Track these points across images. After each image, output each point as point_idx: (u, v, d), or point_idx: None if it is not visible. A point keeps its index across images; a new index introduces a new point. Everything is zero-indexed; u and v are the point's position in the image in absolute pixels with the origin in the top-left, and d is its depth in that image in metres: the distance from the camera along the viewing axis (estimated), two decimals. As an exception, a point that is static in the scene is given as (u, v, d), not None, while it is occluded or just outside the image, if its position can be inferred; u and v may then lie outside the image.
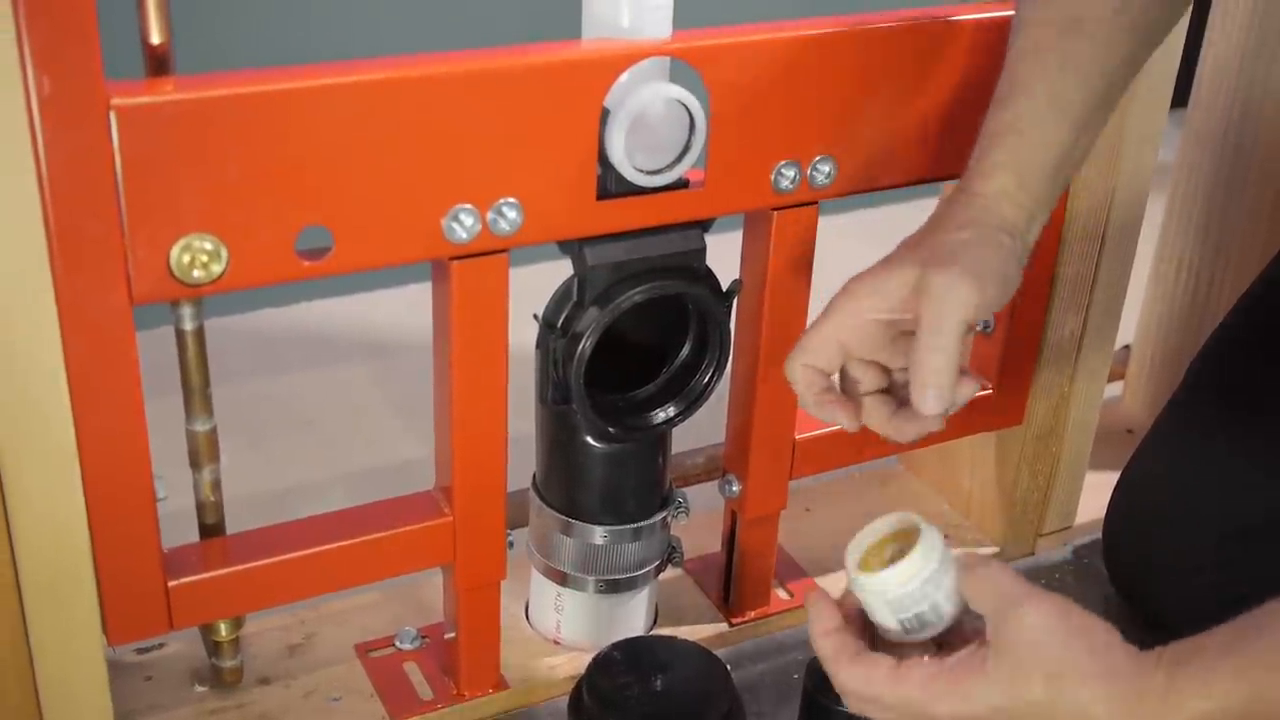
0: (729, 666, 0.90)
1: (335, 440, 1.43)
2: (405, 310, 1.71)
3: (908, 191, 0.98)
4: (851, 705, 0.74)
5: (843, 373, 0.83)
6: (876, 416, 0.82)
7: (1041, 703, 0.68)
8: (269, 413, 1.47)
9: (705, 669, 0.89)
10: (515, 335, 0.87)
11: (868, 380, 0.82)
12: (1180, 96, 1.12)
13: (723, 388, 0.98)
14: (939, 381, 0.76)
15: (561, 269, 0.89)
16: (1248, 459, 1.02)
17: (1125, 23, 0.82)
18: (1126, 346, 1.41)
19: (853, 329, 0.79)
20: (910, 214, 0.87)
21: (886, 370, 0.82)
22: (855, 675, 0.73)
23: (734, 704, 0.88)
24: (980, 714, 0.69)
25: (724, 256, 0.94)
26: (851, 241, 1.99)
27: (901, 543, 0.77)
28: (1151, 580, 1.07)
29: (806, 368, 0.81)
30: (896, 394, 0.83)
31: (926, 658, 0.73)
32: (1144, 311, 1.39)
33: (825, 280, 1.08)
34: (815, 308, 0.97)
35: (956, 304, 0.75)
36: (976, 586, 0.72)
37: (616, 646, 0.90)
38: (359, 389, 1.54)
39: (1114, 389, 1.42)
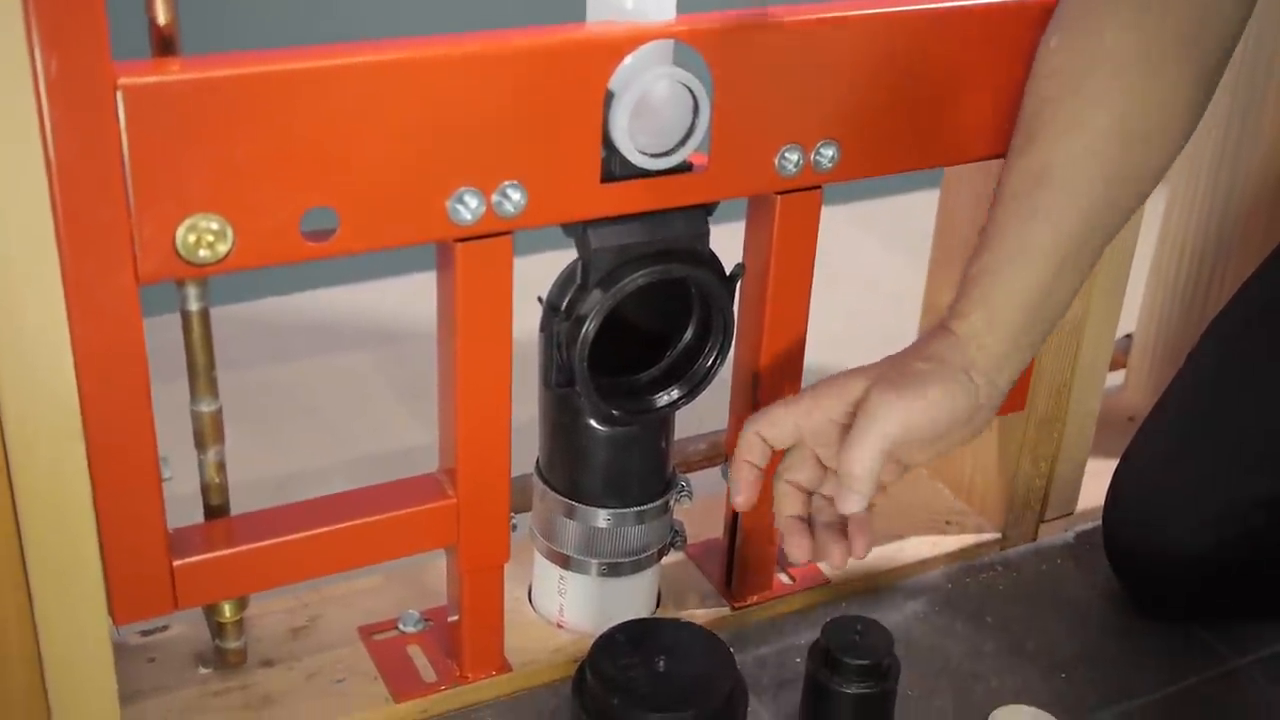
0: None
1: (339, 427, 1.44)
2: (409, 299, 1.71)
3: (911, 184, 0.99)
4: None
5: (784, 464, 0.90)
6: (798, 541, 0.90)
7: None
8: (273, 400, 1.47)
9: (709, 650, 0.89)
10: (517, 323, 0.88)
11: (803, 474, 0.89)
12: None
13: (725, 373, 0.98)
14: (853, 486, 0.83)
15: (565, 258, 0.90)
16: (1247, 443, 1.02)
17: (1095, 170, 0.85)
18: (1128, 335, 1.42)
19: (809, 418, 0.87)
20: (913, 206, 0.88)
21: (811, 489, 0.91)
22: None
23: (737, 684, 0.88)
24: None
25: (727, 248, 0.94)
26: (855, 231, 2.01)
27: None
28: (1151, 566, 1.08)
29: (758, 435, 0.89)
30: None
31: None
32: (1146, 300, 1.39)
33: (829, 270, 1.08)
34: (818, 294, 0.98)
35: (884, 421, 0.82)
36: None
37: (619, 628, 0.90)
38: (363, 377, 1.54)
39: (1116, 378, 1.42)
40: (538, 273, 0.94)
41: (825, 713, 0.92)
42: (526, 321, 0.88)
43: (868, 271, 1.78)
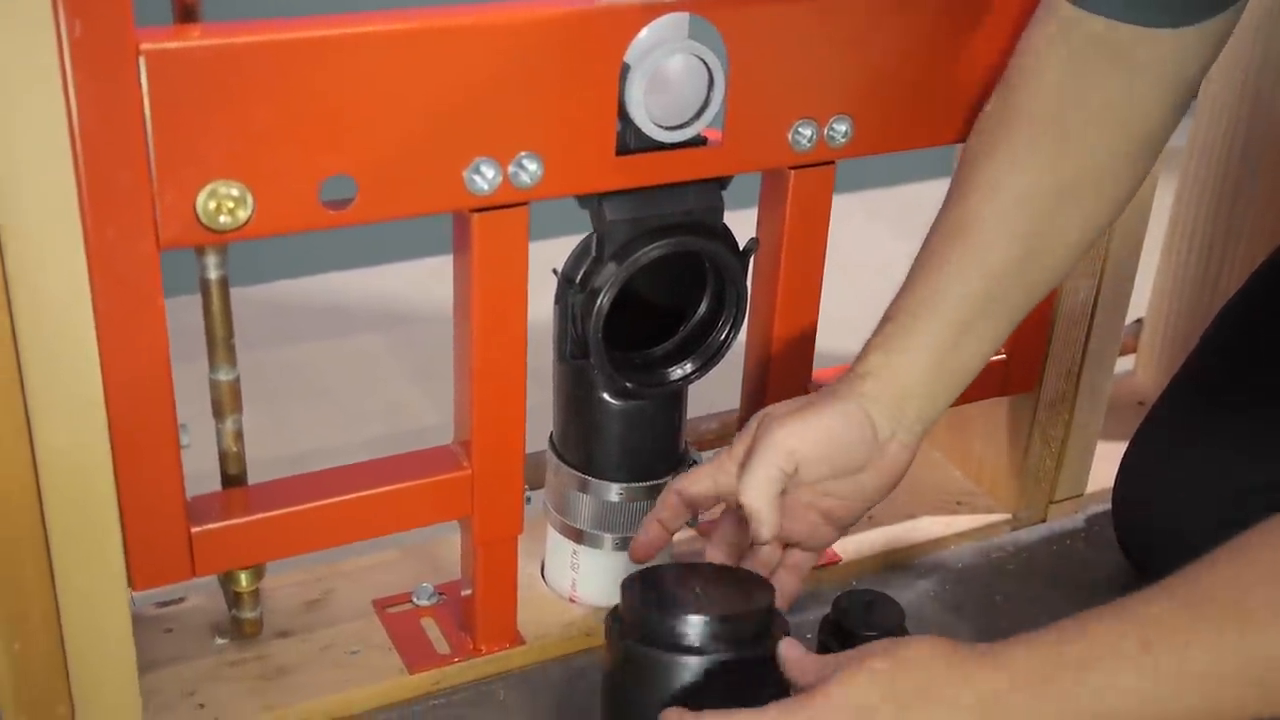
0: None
1: (351, 408, 1.45)
2: (420, 282, 1.72)
3: (921, 173, 0.99)
4: None
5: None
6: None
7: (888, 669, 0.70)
8: (285, 381, 1.48)
9: (744, 576, 0.88)
10: (530, 307, 0.88)
11: (730, 536, 0.92)
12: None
13: (737, 353, 0.99)
14: (753, 516, 0.84)
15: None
16: (1256, 425, 1.03)
17: (1008, 230, 0.86)
18: (1138, 320, 1.42)
19: (721, 470, 0.88)
20: (922, 195, 0.88)
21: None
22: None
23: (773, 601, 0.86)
24: (865, 704, 0.69)
25: (739, 233, 0.95)
26: (865, 220, 2.01)
27: None
28: (1160, 547, 1.08)
29: (675, 493, 0.90)
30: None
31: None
32: (1156, 285, 1.40)
33: (840, 257, 1.09)
34: (829, 281, 0.99)
35: (773, 447, 0.84)
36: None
37: (647, 570, 0.87)
38: (375, 358, 1.55)
39: (1126, 363, 1.43)
40: (554, 255, 0.94)
41: None
42: (537, 305, 0.89)
43: (878, 259, 1.78)
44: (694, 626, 0.78)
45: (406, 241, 1.76)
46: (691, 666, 0.78)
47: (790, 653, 0.76)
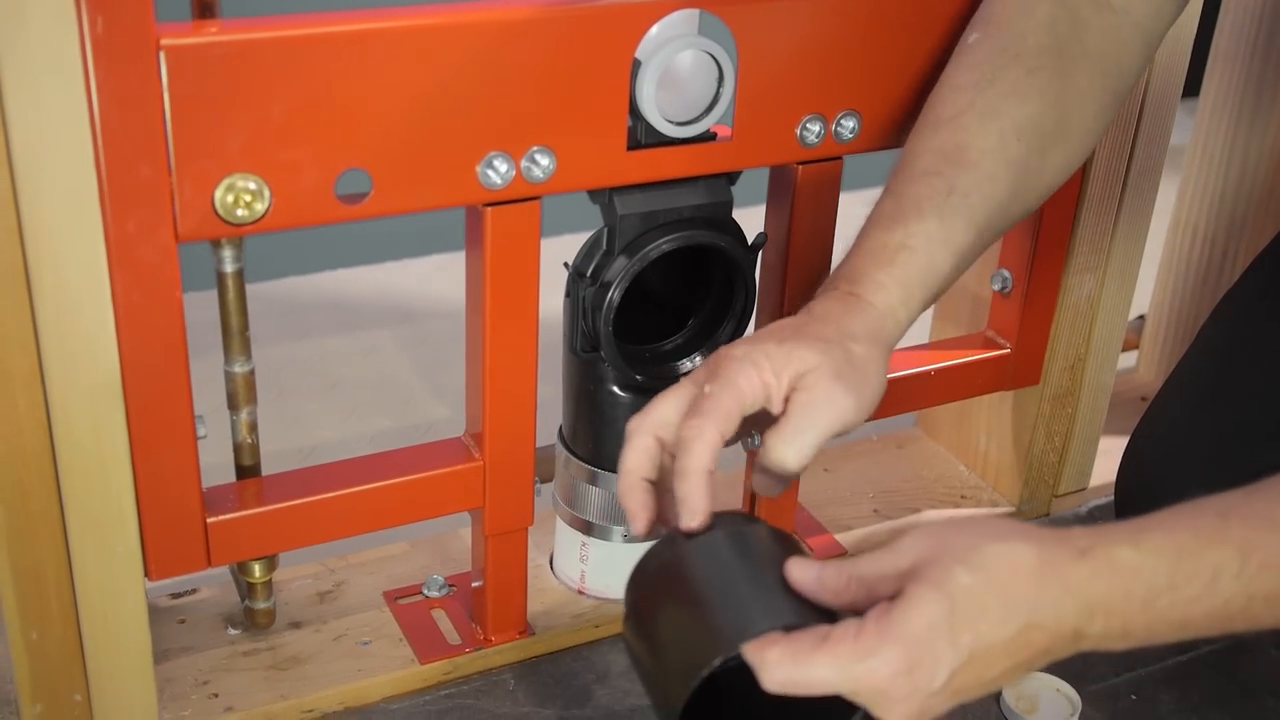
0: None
1: (360, 402, 1.46)
2: (429, 278, 1.73)
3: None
4: (779, 680, 0.67)
5: None
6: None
7: (972, 585, 0.66)
8: (295, 376, 1.49)
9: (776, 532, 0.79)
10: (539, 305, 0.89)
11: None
12: (1192, 86, 1.15)
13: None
14: (786, 472, 0.77)
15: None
16: (1258, 416, 1.03)
17: (1006, 158, 0.85)
18: (1141, 317, 1.43)
19: (753, 395, 0.77)
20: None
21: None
22: (783, 658, 0.66)
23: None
24: (924, 635, 0.65)
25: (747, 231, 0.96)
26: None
27: None
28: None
29: (718, 437, 0.76)
30: None
31: (851, 624, 0.67)
32: (1159, 281, 1.41)
33: (841, 256, 1.10)
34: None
35: (827, 415, 0.76)
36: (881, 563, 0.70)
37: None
38: (384, 354, 1.56)
39: (1129, 359, 1.44)
40: (564, 251, 0.95)
41: None
42: (546, 301, 0.90)
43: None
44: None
45: (415, 238, 1.77)
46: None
47: (802, 575, 0.70)
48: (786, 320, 0.81)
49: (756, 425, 0.80)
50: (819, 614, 0.70)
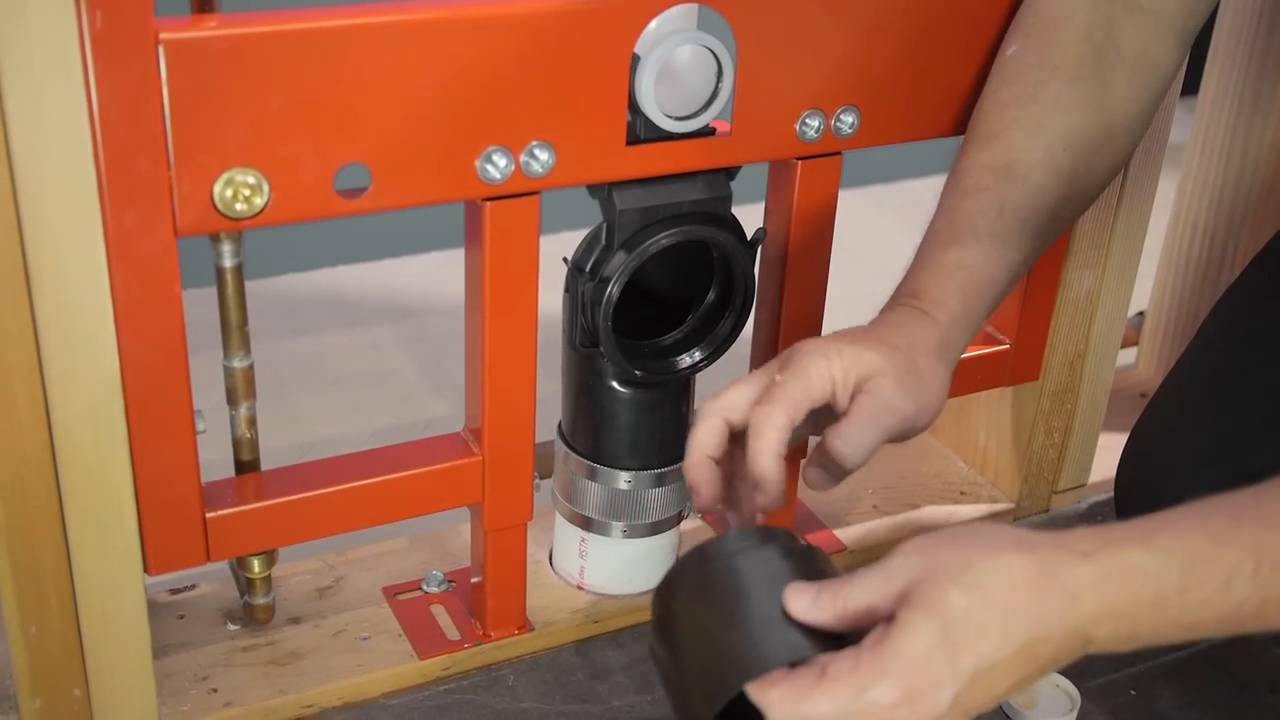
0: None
1: (361, 399, 1.46)
2: (428, 275, 1.74)
3: (926, 168, 1.00)
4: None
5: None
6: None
7: (968, 605, 0.65)
8: (295, 372, 1.49)
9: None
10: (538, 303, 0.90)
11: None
12: (1191, 85, 1.15)
13: (745, 345, 1.00)
14: (846, 464, 0.80)
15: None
16: (1258, 412, 1.03)
17: (1054, 171, 0.87)
18: (1141, 313, 1.43)
19: (821, 388, 0.80)
20: (928, 190, 0.89)
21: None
22: (784, 698, 0.67)
23: None
24: (920, 662, 0.65)
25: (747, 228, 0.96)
26: (872, 214, 2.02)
27: None
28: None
29: (788, 422, 0.79)
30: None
31: (847, 657, 0.67)
32: (1158, 278, 1.41)
33: (846, 250, 1.10)
34: (835, 273, 1.00)
35: (889, 416, 0.80)
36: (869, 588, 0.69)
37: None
38: (384, 350, 1.56)
39: (1128, 356, 1.44)
40: (564, 248, 0.95)
41: None
42: (545, 299, 0.90)
43: (884, 252, 1.79)
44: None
45: (415, 235, 1.77)
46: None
47: (798, 603, 0.70)
48: (858, 327, 0.85)
49: (821, 422, 0.82)
50: (832, 640, 0.70)
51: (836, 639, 0.70)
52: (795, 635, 0.70)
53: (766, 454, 0.78)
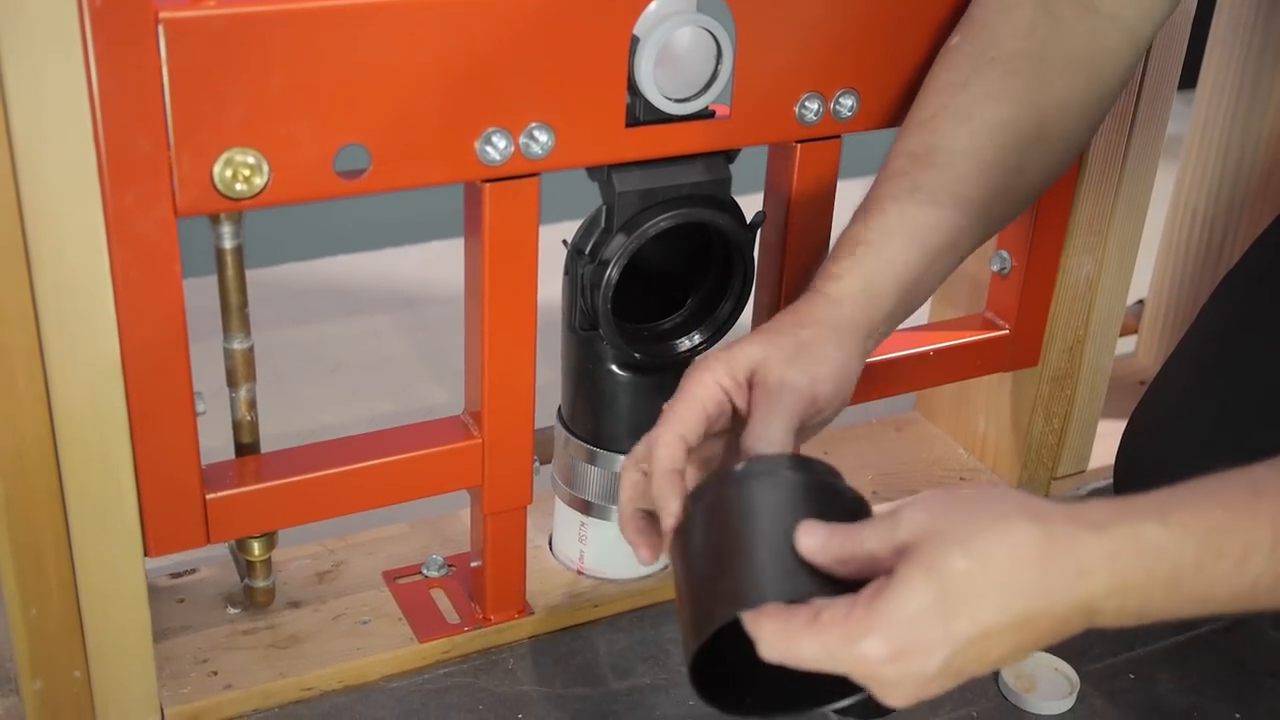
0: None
1: (361, 387, 1.46)
2: (429, 265, 1.74)
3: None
4: (773, 656, 0.67)
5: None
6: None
7: (968, 571, 0.63)
8: (296, 360, 1.49)
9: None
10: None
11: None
12: (1189, 78, 1.15)
13: (744, 329, 1.00)
14: (764, 446, 0.76)
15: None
16: (1257, 396, 1.03)
17: (978, 160, 0.85)
18: (1140, 301, 1.43)
19: (710, 397, 0.79)
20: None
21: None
22: (775, 634, 0.66)
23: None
24: (913, 620, 0.64)
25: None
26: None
27: None
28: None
29: (677, 439, 0.78)
30: None
31: (842, 603, 0.66)
32: (1157, 266, 1.41)
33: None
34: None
35: (788, 395, 0.78)
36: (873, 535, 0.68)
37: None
38: (385, 338, 1.56)
39: (1128, 344, 1.44)
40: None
41: None
42: (545, 288, 0.90)
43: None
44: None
45: (416, 225, 1.77)
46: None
47: (807, 542, 0.68)
48: (757, 329, 0.84)
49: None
50: (834, 582, 0.68)
51: (839, 583, 0.68)
52: (798, 573, 0.68)
53: (659, 474, 0.76)
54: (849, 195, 0.94)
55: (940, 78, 0.89)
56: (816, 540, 0.68)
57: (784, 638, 0.66)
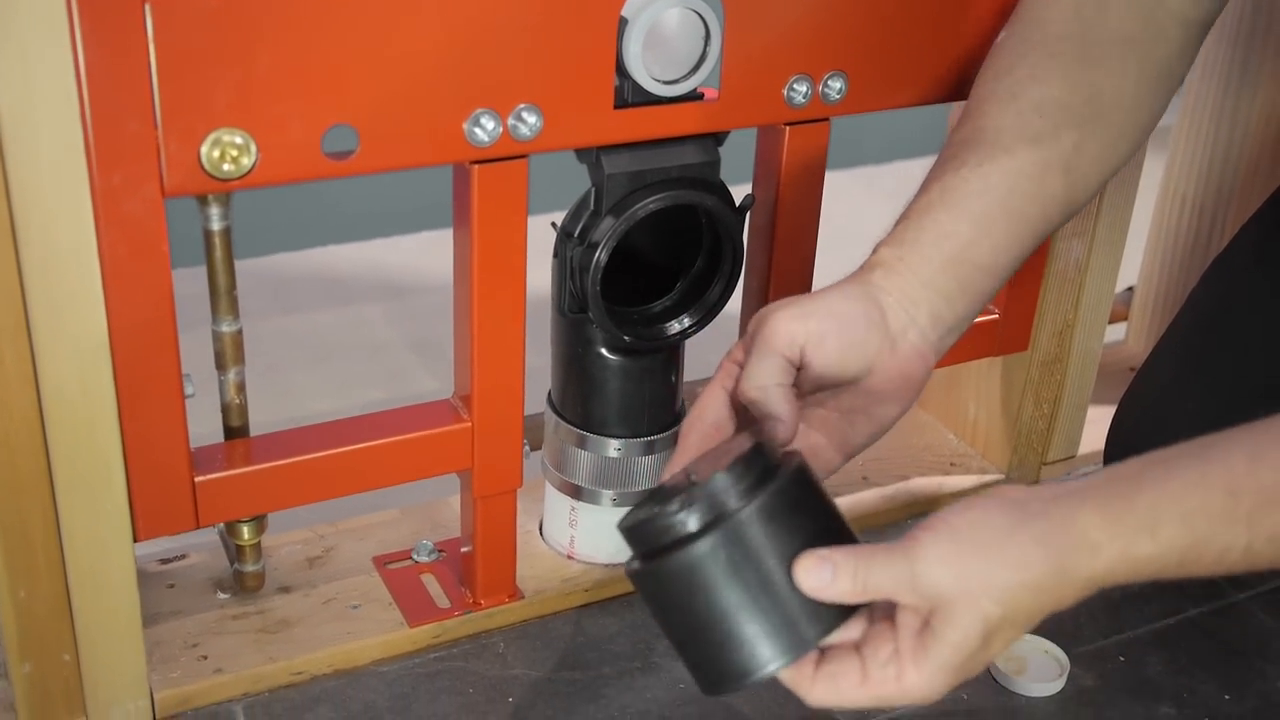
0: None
1: (351, 375, 1.46)
2: (418, 255, 1.74)
3: (915, 150, 1.00)
4: (821, 706, 0.72)
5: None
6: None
7: (1001, 615, 0.68)
8: (286, 349, 1.49)
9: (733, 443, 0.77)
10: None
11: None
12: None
13: (734, 317, 1.00)
14: (766, 410, 0.76)
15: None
16: (1246, 379, 1.04)
17: (1024, 135, 0.84)
18: (1130, 288, 1.43)
19: (731, 378, 0.80)
20: (916, 171, 0.88)
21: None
22: (827, 696, 0.71)
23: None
24: (963, 666, 0.70)
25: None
26: (861, 195, 2.03)
27: None
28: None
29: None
30: None
31: (884, 654, 0.70)
32: (1147, 253, 1.41)
33: (835, 229, 1.11)
34: (824, 251, 1.00)
35: (779, 330, 0.77)
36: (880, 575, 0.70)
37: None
38: (373, 328, 1.56)
39: (1118, 331, 1.44)
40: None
41: None
42: (534, 276, 0.91)
43: (875, 233, 1.79)
44: (687, 510, 0.69)
45: (405, 216, 1.77)
46: (706, 550, 0.68)
47: (812, 581, 0.69)
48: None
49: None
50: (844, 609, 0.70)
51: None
52: (810, 617, 0.69)
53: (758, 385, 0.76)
54: (841, 187, 0.94)
55: (987, 70, 0.88)
56: (821, 580, 0.69)
57: (834, 695, 0.71)
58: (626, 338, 0.94)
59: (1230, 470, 0.69)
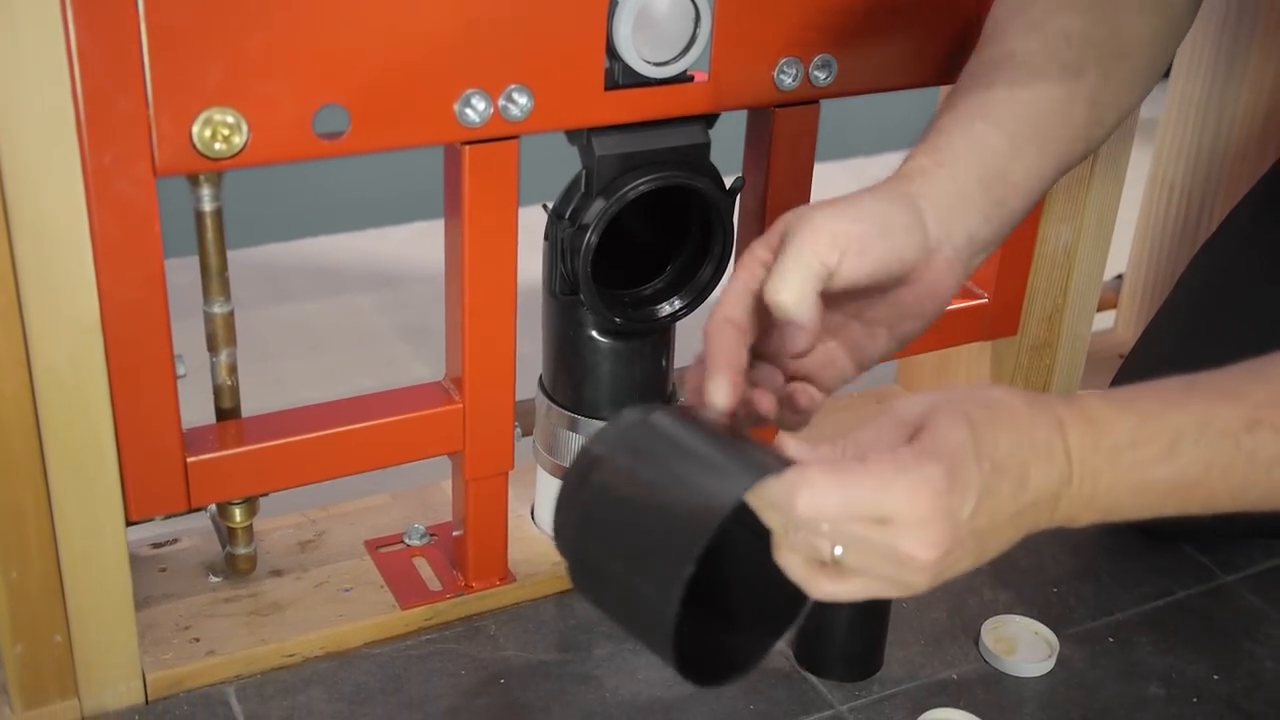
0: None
1: (343, 363, 1.46)
2: (410, 245, 1.74)
3: (908, 141, 0.99)
4: (819, 510, 0.63)
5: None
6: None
7: (985, 416, 0.66)
8: (277, 338, 1.50)
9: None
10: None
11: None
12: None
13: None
14: (788, 313, 0.71)
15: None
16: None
17: (1053, 61, 0.81)
18: (1119, 276, 1.44)
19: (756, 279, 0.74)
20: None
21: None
22: (826, 478, 0.63)
23: None
24: (957, 455, 0.64)
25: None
26: (851, 186, 2.03)
27: None
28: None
29: (730, 324, 0.73)
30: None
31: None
32: (1136, 239, 1.42)
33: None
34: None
35: (810, 231, 0.71)
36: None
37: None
38: (365, 317, 1.56)
39: (1107, 319, 1.44)
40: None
41: None
42: (525, 262, 0.91)
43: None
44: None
45: (396, 206, 1.77)
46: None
47: (799, 449, 0.66)
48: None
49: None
50: None
51: None
52: (776, 456, 0.65)
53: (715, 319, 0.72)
54: (831, 179, 0.95)
55: (1001, 8, 0.85)
56: (801, 446, 0.67)
57: (837, 480, 0.63)
58: (617, 320, 0.94)
59: (1194, 375, 0.72)
